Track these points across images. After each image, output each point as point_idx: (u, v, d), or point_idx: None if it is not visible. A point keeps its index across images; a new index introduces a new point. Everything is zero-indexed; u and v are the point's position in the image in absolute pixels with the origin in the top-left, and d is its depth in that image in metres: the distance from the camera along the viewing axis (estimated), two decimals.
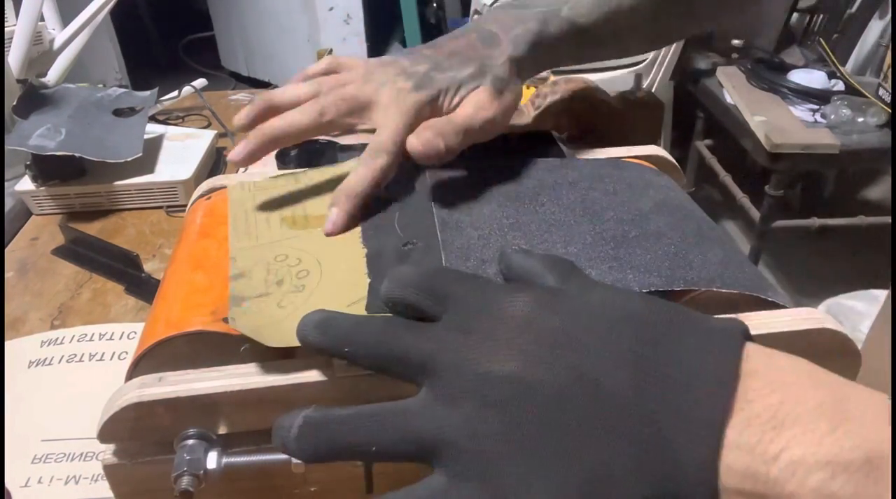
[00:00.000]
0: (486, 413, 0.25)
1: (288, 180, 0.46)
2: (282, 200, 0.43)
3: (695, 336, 0.25)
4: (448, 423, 0.25)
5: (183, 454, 0.32)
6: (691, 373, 0.24)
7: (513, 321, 0.26)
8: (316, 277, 0.36)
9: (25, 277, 0.65)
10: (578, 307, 0.27)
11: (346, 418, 0.26)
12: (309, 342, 0.29)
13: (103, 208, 0.76)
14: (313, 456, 0.26)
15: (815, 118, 1.60)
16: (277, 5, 2.79)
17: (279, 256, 0.38)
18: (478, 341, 0.26)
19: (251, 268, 0.37)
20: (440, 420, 0.25)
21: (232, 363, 0.33)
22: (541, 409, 0.24)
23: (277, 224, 0.41)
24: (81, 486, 0.43)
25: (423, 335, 0.27)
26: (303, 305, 0.33)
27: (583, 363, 0.25)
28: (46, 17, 0.98)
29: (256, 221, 0.42)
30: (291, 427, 0.27)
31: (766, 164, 1.56)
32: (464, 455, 0.25)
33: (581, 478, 0.23)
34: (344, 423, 0.26)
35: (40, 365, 0.52)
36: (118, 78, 2.26)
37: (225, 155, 0.88)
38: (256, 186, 0.45)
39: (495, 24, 0.47)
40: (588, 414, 0.24)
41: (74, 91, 0.82)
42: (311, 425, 0.26)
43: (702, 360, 0.24)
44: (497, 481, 0.24)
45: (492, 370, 0.25)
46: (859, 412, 0.22)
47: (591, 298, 0.27)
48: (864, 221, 1.69)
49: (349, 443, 0.26)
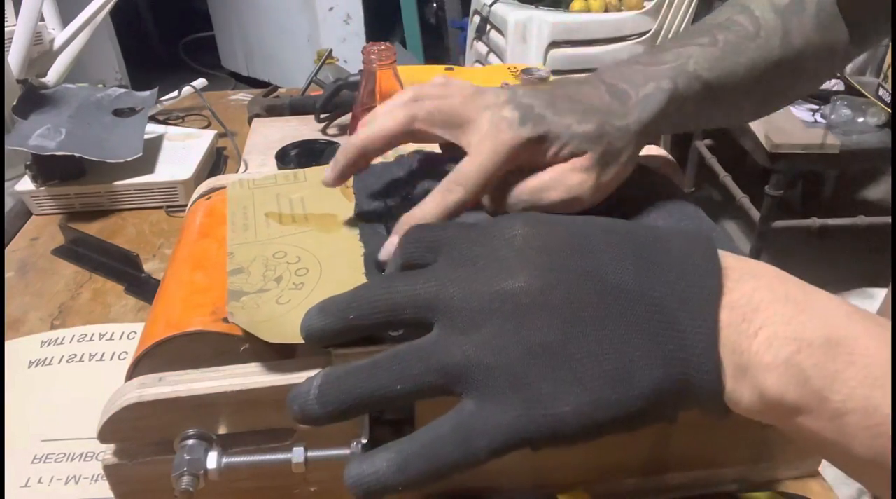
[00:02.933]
0: (506, 327, 0.26)
1: (287, 178, 0.46)
2: (281, 198, 0.43)
3: (677, 238, 0.28)
4: (471, 345, 0.26)
5: (183, 454, 0.32)
6: (683, 265, 0.27)
7: (514, 241, 0.27)
8: (315, 275, 0.36)
9: (25, 277, 0.65)
10: (569, 223, 0.29)
11: (366, 365, 0.26)
12: (313, 329, 0.28)
13: (103, 208, 0.76)
14: (338, 410, 0.26)
15: (815, 118, 1.60)
16: (277, 5, 2.79)
17: (278, 254, 0.38)
18: (484, 266, 0.27)
19: (249, 263, 0.37)
20: (462, 345, 0.26)
21: (232, 363, 0.33)
22: (557, 312, 0.26)
23: (276, 222, 0.41)
24: (81, 486, 0.43)
25: (424, 276, 0.28)
26: (302, 302, 0.33)
27: (588, 264, 0.27)
28: (46, 17, 0.98)
29: (255, 217, 0.41)
30: (310, 390, 0.26)
31: (766, 164, 1.57)
32: (492, 373, 0.25)
33: (604, 371, 0.25)
34: (365, 369, 0.26)
35: (40, 365, 0.52)
36: (118, 78, 2.26)
37: (225, 155, 0.88)
38: (255, 184, 0.45)
39: (623, 79, 0.40)
40: (600, 309, 0.26)
41: (74, 91, 0.82)
42: (332, 380, 0.26)
43: (688, 255, 0.27)
44: (527, 390, 0.25)
45: (504, 287, 0.26)
46: (820, 304, 0.26)
47: (577, 219, 0.29)
48: (864, 221, 1.69)
49: (374, 387, 0.26)
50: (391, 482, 0.25)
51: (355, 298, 0.28)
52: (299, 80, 1.17)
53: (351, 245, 0.39)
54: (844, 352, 0.24)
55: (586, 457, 0.40)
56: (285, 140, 0.80)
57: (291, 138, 0.82)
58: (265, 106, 0.97)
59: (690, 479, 0.42)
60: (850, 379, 0.24)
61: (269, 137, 0.89)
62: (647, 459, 0.41)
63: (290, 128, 0.91)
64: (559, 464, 0.40)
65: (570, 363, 0.25)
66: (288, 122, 0.93)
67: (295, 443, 0.32)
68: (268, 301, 0.34)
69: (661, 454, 0.41)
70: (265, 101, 0.99)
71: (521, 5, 1.94)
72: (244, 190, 0.44)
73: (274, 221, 0.41)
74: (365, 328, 0.28)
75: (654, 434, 0.40)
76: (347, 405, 0.26)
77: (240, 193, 0.44)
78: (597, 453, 0.40)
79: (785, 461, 0.43)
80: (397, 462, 0.25)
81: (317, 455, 0.32)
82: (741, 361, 0.25)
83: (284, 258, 0.37)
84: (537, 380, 0.25)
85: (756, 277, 0.27)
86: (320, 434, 0.34)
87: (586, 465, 0.40)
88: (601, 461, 0.40)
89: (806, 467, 0.43)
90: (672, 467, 0.42)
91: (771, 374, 0.25)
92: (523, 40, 1.84)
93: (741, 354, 0.25)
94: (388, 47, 0.71)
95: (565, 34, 1.81)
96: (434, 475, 0.25)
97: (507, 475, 0.39)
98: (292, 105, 0.96)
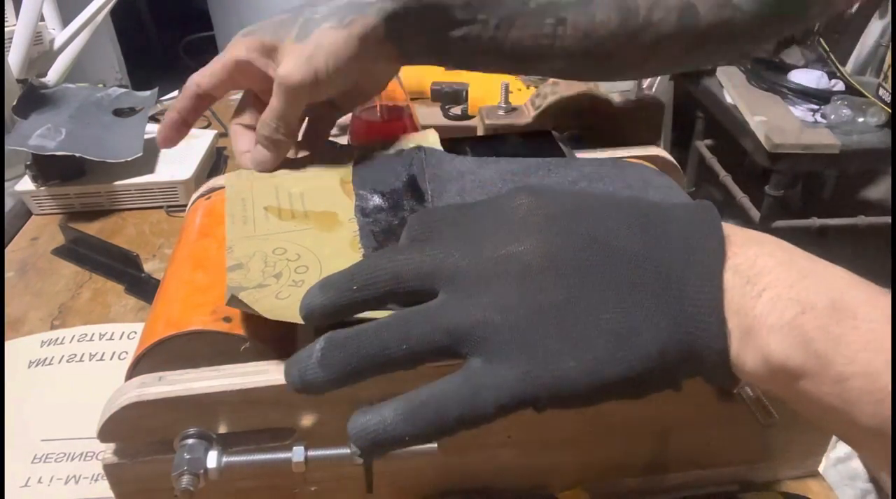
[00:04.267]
0: (513, 287, 0.26)
1: (286, 170, 0.46)
2: (280, 190, 0.43)
3: (680, 207, 0.28)
4: (478, 306, 0.26)
5: (183, 454, 0.32)
6: (686, 230, 0.27)
7: (520, 209, 0.28)
8: (315, 274, 0.35)
9: (25, 277, 0.65)
10: (572, 193, 0.29)
11: (371, 326, 0.26)
12: (315, 305, 0.28)
13: (103, 208, 0.76)
14: (343, 373, 0.26)
15: (815, 118, 1.60)
16: (277, 5, 2.77)
17: (278, 250, 0.37)
18: (490, 234, 0.27)
19: (249, 259, 0.36)
20: (469, 307, 0.26)
21: (232, 363, 0.33)
22: (563, 273, 0.26)
23: (276, 217, 0.41)
24: (81, 486, 0.43)
25: (429, 245, 0.28)
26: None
27: (594, 229, 0.27)
28: (46, 17, 0.98)
29: (254, 211, 0.41)
30: (311, 355, 0.26)
31: (766, 164, 1.56)
32: (499, 331, 0.25)
33: (610, 329, 0.25)
34: (370, 331, 0.26)
35: (40, 365, 0.52)
36: (118, 78, 2.26)
37: (226, 155, 0.88)
38: (253, 175, 0.45)
39: None
40: (606, 272, 0.26)
41: (74, 91, 0.82)
42: (335, 343, 0.26)
43: (691, 221, 0.27)
44: (533, 348, 0.25)
45: (510, 250, 0.26)
46: (824, 270, 0.26)
47: (580, 190, 0.30)
48: (864, 221, 1.69)
49: (378, 347, 0.26)
50: (398, 432, 0.25)
51: (358, 270, 0.28)
52: None
53: (351, 245, 0.39)
54: (848, 316, 0.24)
55: (586, 457, 0.40)
56: None
57: None
58: None
59: (690, 479, 0.42)
60: (853, 342, 0.24)
61: None
62: (647, 459, 0.41)
63: None
64: (559, 464, 0.40)
65: (576, 322, 0.25)
66: None
67: (295, 443, 0.32)
68: (267, 296, 0.33)
69: (661, 454, 0.41)
70: None
71: None
72: (242, 181, 0.44)
73: (273, 215, 0.41)
74: (368, 301, 0.27)
75: (654, 434, 0.40)
76: (352, 367, 0.26)
77: (238, 183, 0.44)
78: (597, 453, 0.40)
79: (785, 461, 0.43)
80: (404, 412, 0.25)
81: (317, 455, 0.32)
82: (745, 323, 0.25)
83: (284, 255, 0.37)
84: (543, 338, 0.25)
85: (760, 243, 0.27)
86: (320, 434, 0.34)
87: (586, 465, 0.40)
88: (601, 461, 0.40)
89: (806, 467, 0.43)
90: (672, 467, 0.42)
91: (775, 335, 0.25)
92: None
93: (745, 315, 0.25)
94: None
95: None
96: (441, 428, 0.25)
97: (507, 475, 0.39)
98: None
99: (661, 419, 0.39)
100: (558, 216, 0.27)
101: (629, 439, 0.40)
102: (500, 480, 0.39)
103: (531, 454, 0.39)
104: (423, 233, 0.29)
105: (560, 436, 0.38)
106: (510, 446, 0.38)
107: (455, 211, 0.30)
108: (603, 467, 0.40)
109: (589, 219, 0.27)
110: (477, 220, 0.28)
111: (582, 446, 0.39)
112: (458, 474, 0.39)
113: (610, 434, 0.39)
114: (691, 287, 0.26)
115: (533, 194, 0.28)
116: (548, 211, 0.28)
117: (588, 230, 0.27)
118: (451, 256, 0.27)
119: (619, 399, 0.26)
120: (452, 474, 0.39)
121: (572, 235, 0.27)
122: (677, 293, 0.26)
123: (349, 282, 0.27)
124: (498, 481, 0.39)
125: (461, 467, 0.39)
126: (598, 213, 0.28)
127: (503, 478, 0.39)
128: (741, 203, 1.76)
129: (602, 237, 0.27)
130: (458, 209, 0.30)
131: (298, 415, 0.34)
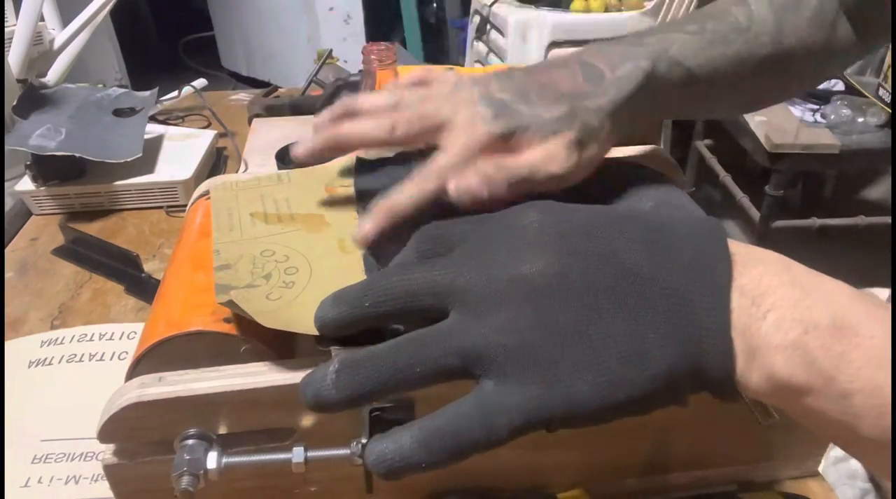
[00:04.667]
0: (524, 309, 0.26)
1: (271, 180, 0.45)
2: (266, 199, 0.43)
3: (686, 225, 0.29)
4: (489, 327, 0.26)
5: (183, 454, 0.32)
6: (694, 250, 0.27)
7: (531, 228, 0.28)
8: (305, 275, 0.35)
9: (25, 277, 0.65)
10: (583, 211, 0.29)
11: (384, 349, 0.26)
12: (328, 319, 0.28)
13: (103, 208, 0.76)
14: (357, 394, 0.26)
15: (815, 118, 1.60)
16: (277, 5, 2.79)
17: (266, 252, 0.37)
18: (501, 252, 0.27)
19: (236, 260, 0.36)
20: (481, 328, 0.26)
21: (232, 363, 0.33)
22: (574, 294, 0.26)
23: (262, 221, 0.41)
24: (81, 486, 0.43)
25: (441, 263, 0.28)
26: (294, 300, 0.33)
27: (603, 249, 0.27)
28: (46, 17, 0.98)
29: (240, 218, 0.41)
30: (326, 375, 0.26)
31: (766, 164, 1.56)
32: (511, 354, 0.25)
33: (620, 351, 0.26)
34: (382, 354, 0.26)
35: (40, 365, 0.52)
36: (118, 78, 2.26)
37: (225, 155, 0.88)
38: (239, 186, 0.45)
39: (601, 59, 0.41)
40: (616, 291, 0.26)
41: (74, 91, 0.82)
42: (350, 365, 0.26)
43: (698, 241, 0.28)
44: (545, 370, 0.25)
45: (521, 271, 0.27)
46: (825, 287, 0.27)
47: (588, 207, 0.30)
48: (864, 221, 1.69)
49: (392, 371, 0.26)
50: (415, 460, 0.25)
51: (371, 286, 0.28)
52: (299, 80, 1.17)
53: (340, 245, 0.39)
54: (850, 334, 0.25)
55: (586, 457, 0.40)
56: (285, 140, 0.80)
57: (291, 138, 0.82)
58: (265, 106, 0.97)
59: (690, 479, 0.42)
60: (855, 360, 0.24)
61: (269, 137, 0.89)
62: (647, 459, 0.41)
63: (290, 128, 0.91)
64: (559, 464, 0.40)
65: (587, 344, 0.26)
66: (288, 123, 0.93)
67: (295, 443, 0.32)
68: (257, 297, 0.33)
69: (661, 454, 0.41)
70: (265, 101, 0.99)
71: (521, 5, 1.94)
72: (227, 192, 0.44)
73: (259, 220, 0.41)
74: (380, 316, 0.28)
75: (654, 434, 0.40)
76: (366, 390, 0.26)
77: (223, 195, 0.44)
78: (597, 453, 0.40)
79: (785, 461, 0.43)
80: (420, 439, 0.25)
81: (317, 455, 0.31)
82: (751, 344, 0.26)
83: (273, 256, 0.37)
84: (555, 360, 0.25)
85: (763, 262, 0.27)
86: (320, 434, 0.34)
87: (586, 465, 0.40)
88: (601, 461, 0.40)
89: (806, 467, 0.43)
90: (672, 467, 0.42)
91: (779, 355, 0.25)
92: (523, 40, 1.84)
93: (751, 336, 0.26)
94: (388, 48, 0.71)
95: (565, 34, 1.81)
96: (457, 454, 0.25)
97: (507, 475, 0.39)
98: (292, 105, 0.96)
99: (661, 419, 0.39)
100: (568, 235, 0.28)
101: (629, 439, 0.40)
102: (500, 480, 0.39)
103: (531, 454, 0.39)
104: (433, 248, 0.29)
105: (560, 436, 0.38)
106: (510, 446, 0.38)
107: (464, 226, 0.30)
108: (603, 468, 0.40)
109: (598, 238, 0.28)
110: (488, 236, 0.29)
111: (582, 446, 0.39)
112: (458, 473, 0.39)
113: (610, 434, 0.39)
114: (700, 310, 0.26)
115: (544, 211, 0.29)
116: (558, 229, 0.28)
117: (598, 249, 0.27)
118: (463, 276, 0.27)
119: (626, 417, 0.27)
120: (452, 474, 0.39)
121: (584, 255, 0.27)
122: (687, 316, 0.26)
123: (362, 298, 0.28)
124: (498, 481, 0.39)
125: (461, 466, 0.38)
126: (607, 231, 0.28)
127: (503, 478, 0.39)
128: (741, 203, 1.76)
129: (613, 257, 0.27)
130: (468, 223, 0.30)
131: (298, 415, 0.34)
